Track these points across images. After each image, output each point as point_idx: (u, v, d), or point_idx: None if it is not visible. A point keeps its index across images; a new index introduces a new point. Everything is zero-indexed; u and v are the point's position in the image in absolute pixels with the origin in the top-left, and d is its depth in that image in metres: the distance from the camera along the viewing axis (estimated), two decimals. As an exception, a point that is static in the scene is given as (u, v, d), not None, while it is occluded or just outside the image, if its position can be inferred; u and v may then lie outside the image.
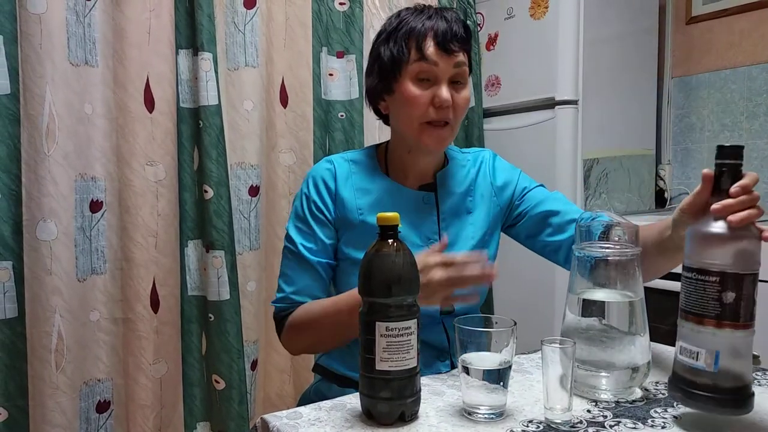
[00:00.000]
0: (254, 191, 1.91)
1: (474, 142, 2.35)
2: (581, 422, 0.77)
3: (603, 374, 0.85)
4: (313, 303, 1.08)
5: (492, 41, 2.41)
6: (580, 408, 0.82)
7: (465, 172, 1.18)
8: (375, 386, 0.78)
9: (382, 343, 0.77)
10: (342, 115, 2.05)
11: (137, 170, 1.73)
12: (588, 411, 0.81)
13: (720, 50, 2.36)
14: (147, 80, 1.73)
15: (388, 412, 0.78)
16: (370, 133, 2.07)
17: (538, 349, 0.79)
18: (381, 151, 1.18)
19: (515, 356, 0.83)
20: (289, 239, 1.13)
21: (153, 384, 1.78)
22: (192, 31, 1.77)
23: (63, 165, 1.58)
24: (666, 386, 0.89)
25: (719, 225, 0.72)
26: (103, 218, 1.70)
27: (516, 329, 0.81)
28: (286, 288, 1.11)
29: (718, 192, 0.75)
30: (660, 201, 2.51)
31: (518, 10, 2.30)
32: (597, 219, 0.92)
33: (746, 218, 0.71)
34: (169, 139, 1.78)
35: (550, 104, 2.18)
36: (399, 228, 0.81)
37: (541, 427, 0.76)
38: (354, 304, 0.94)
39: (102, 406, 1.72)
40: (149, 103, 1.74)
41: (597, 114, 2.20)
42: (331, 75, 2.04)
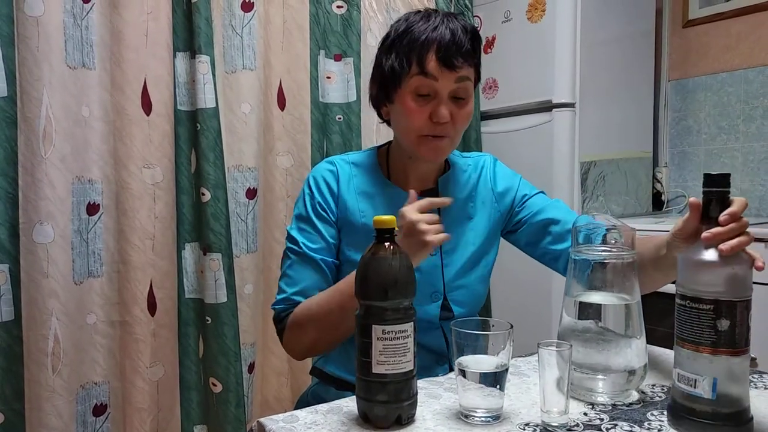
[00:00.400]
0: (252, 194, 1.91)
1: (471, 145, 2.35)
2: (578, 425, 0.77)
3: (600, 377, 0.85)
4: (312, 297, 1.05)
5: (489, 44, 2.42)
6: (577, 411, 0.82)
7: (466, 178, 1.17)
8: (371, 389, 0.78)
9: (379, 347, 0.77)
10: (340, 118, 2.05)
11: (134, 173, 1.73)
12: (585, 414, 0.81)
13: (716, 53, 2.37)
14: (144, 83, 1.73)
15: (385, 416, 0.78)
16: (368, 136, 2.06)
17: (535, 352, 0.79)
18: (382, 154, 1.17)
19: (512, 359, 0.83)
20: (291, 240, 1.10)
21: (150, 387, 1.78)
22: (189, 34, 1.77)
23: (60, 168, 1.58)
24: (662, 389, 0.90)
25: (710, 253, 0.72)
26: (100, 221, 1.70)
27: (513, 332, 0.81)
28: (288, 289, 1.07)
29: (707, 219, 0.75)
30: (657, 204, 2.51)
31: (515, 14, 2.30)
32: (593, 223, 0.92)
33: (737, 246, 0.71)
34: (167, 142, 1.78)
35: (548, 107, 2.18)
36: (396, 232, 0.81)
37: (538, 430, 0.76)
38: (341, 289, 0.96)
39: (99, 410, 1.71)
40: (146, 106, 1.74)
41: (594, 117, 2.21)
42: (329, 78, 2.05)
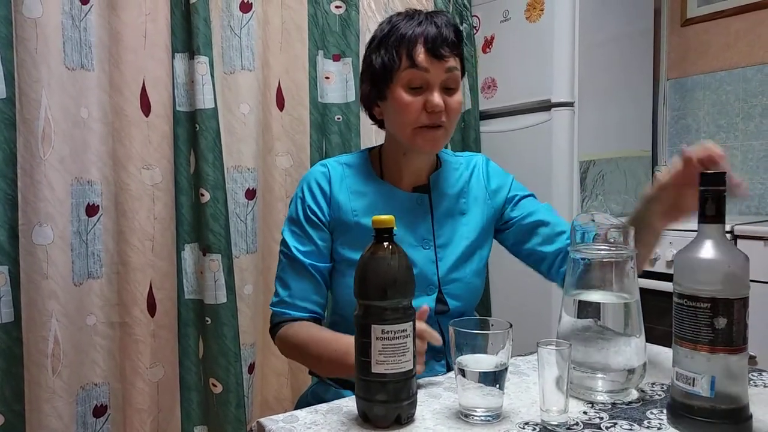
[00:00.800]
0: (251, 194, 1.91)
1: (470, 145, 2.35)
2: (577, 424, 0.77)
3: (599, 376, 0.85)
4: (307, 328, 1.08)
5: (488, 44, 2.42)
6: (577, 410, 0.82)
7: (458, 175, 1.19)
8: (371, 389, 0.78)
9: (378, 346, 0.77)
10: (338, 118, 2.05)
11: (133, 174, 1.73)
12: (584, 413, 0.81)
13: (715, 52, 2.37)
14: (143, 84, 1.73)
15: (385, 415, 0.78)
16: (367, 136, 2.07)
17: (535, 351, 0.79)
18: (374, 155, 1.19)
19: (511, 358, 0.83)
20: (284, 243, 1.15)
21: (150, 388, 1.78)
22: (188, 35, 1.77)
23: (59, 169, 1.58)
24: (662, 387, 0.90)
25: (708, 251, 0.72)
26: (100, 222, 1.70)
27: (512, 331, 0.81)
28: (282, 292, 1.13)
29: (704, 218, 0.75)
30: (656, 202, 2.51)
31: (514, 13, 2.30)
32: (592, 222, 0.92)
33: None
34: (166, 143, 1.78)
35: (546, 106, 2.18)
36: (394, 231, 0.81)
37: (538, 429, 0.76)
38: (340, 351, 0.98)
39: (99, 411, 1.71)
40: (145, 107, 1.74)
41: (593, 116, 2.21)
42: (328, 78, 2.05)
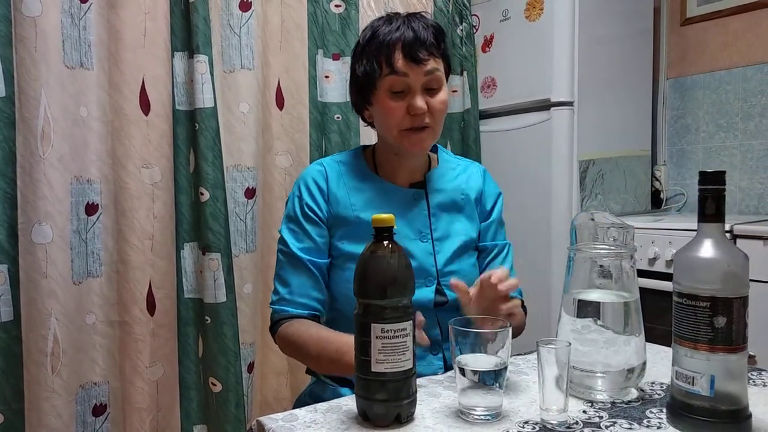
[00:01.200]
0: (250, 193, 1.91)
1: (470, 144, 2.35)
2: (577, 423, 0.77)
3: (598, 375, 0.85)
4: (307, 327, 1.09)
5: (488, 43, 2.42)
6: (576, 409, 0.82)
7: (455, 174, 1.22)
8: (371, 388, 0.78)
9: (378, 345, 0.77)
10: (338, 117, 2.05)
11: (133, 173, 1.73)
12: (584, 412, 0.81)
13: (715, 51, 2.37)
14: (142, 83, 1.73)
15: (384, 414, 0.78)
16: (366, 135, 2.06)
17: (534, 350, 0.79)
18: (368, 153, 1.22)
19: (511, 357, 0.83)
20: (282, 241, 1.16)
21: (149, 387, 1.78)
22: (187, 34, 1.77)
23: (58, 168, 1.58)
24: (661, 386, 0.90)
25: (707, 250, 0.72)
26: (99, 221, 1.70)
27: (511, 330, 0.81)
28: (281, 290, 1.13)
29: (703, 217, 0.74)
30: (656, 202, 2.51)
31: (513, 12, 2.30)
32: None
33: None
34: (165, 142, 1.78)
35: (546, 106, 2.18)
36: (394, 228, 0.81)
37: (537, 428, 0.76)
38: (339, 360, 0.98)
39: (98, 410, 1.71)
40: (145, 106, 1.74)
41: (592, 115, 2.21)
42: (327, 77, 2.05)
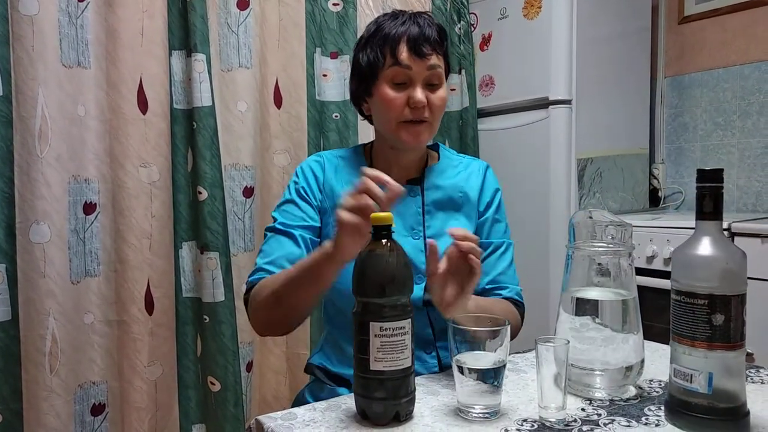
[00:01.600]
0: (248, 192, 1.91)
1: (468, 143, 2.35)
2: (575, 421, 0.78)
3: (597, 373, 0.85)
4: (278, 272, 1.04)
5: (486, 41, 2.42)
6: (575, 406, 0.82)
7: (455, 172, 1.21)
8: (369, 386, 0.78)
9: (376, 344, 0.77)
10: (336, 116, 2.05)
11: (131, 172, 1.73)
12: (582, 409, 0.81)
13: (712, 49, 2.37)
14: (140, 81, 1.73)
15: (383, 413, 0.78)
16: (365, 134, 2.06)
17: (533, 348, 0.79)
18: (367, 150, 1.23)
19: (509, 355, 0.83)
20: (272, 222, 1.14)
21: (148, 386, 1.78)
22: (185, 32, 1.77)
23: (56, 167, 1.58)
24: (660, 384, 0.90)
25: (705, 248, 0.72)
26: (97, 220, 1.70)
27: (510, 328, 0.81)
28: (260, 261, 1.08)
29: (701, 215, 0.74)
30: (654, 200, 2.51)
31: (511, 11, 2.30)
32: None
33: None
34: (163, 141, 1.77)
35: (544, 104, 2.18)
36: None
37: (536, 426, 0.76)
38: (316, 256, 0.91)
39: (97, 409, 1.71)
40: (142, 105, 1.74)
41: (591, 113, 2.21)
42: (325, 76, 2.04)
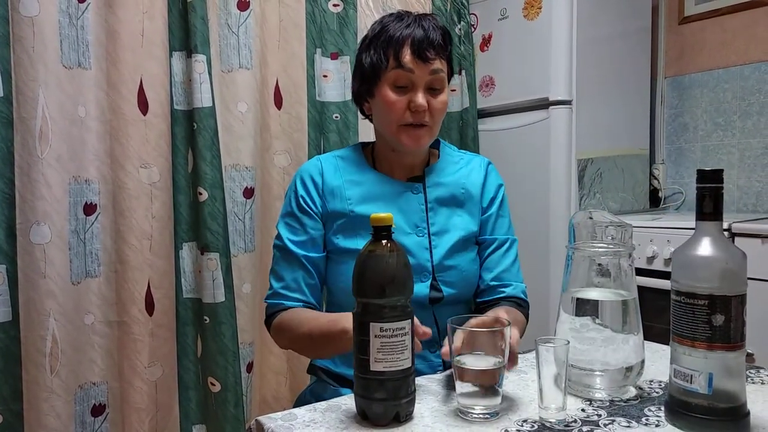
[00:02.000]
0: (249, 193, 1.91)
1: (469, 143, 2.35)
2: (575, 421, 0.78)
3: (597, 373, 0.85)
4: (300, 312, 1.09)
5: (486, 42, 2.42)
6: (575, 407, 0.82)
7: (457, 168, 1.21)
8: (369, 387, 0.78)
9: (377, 344, 0.77)
10: (336, 117, 2.05)
11: (131, 173, 1.73)
12: (582, 410, 0.81)
13: (713, 50, 2.37)
14: (140, 82, 1.73)
15: (383, 413, 0.78)
16: (365, 134, 2.06)
17: (533, 349, 0.79)
18: (368, 149, 1.23)
19: (510, 356, 0.83)
20: (278, 236, 1.16)
21: (148, 387, 1.78)
22: (185, 33, 1.77)
23: (56, 168, 1.58)
24: (660, 385, 0.90)
25: (705, 248, 0.72)
26: (97, 221, 1.70)
27: (510, 329, 0.81)
28: (275, 284, 1.14)
29: (701, 216, 0.75)
30: (654, 200, 2.51)
31: (512, 11, 2.30)
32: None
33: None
34: (163, 142, 1.77)
35: (544, 104, 2.18)
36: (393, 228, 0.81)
37: (536, 427, 0.76)
38: (331, 331, 0.97)
39: (97, 410, 1.71)
40: (143, 106, 1.74)
41: (591, 114, 2.21)
42: (326, 76, 2.04)
